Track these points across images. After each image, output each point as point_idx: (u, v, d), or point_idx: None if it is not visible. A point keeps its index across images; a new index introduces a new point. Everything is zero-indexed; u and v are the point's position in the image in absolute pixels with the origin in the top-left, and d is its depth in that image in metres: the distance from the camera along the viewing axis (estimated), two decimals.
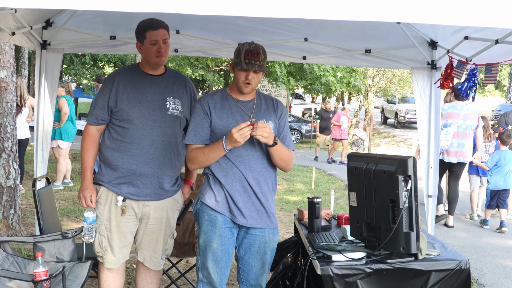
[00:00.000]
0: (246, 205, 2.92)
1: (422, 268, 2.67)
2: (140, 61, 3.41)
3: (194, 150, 2.93)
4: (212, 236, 2.93)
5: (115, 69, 3.50)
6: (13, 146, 5.78)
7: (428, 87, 4.68)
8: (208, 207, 2.94)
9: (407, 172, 2.57)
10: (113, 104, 3.17)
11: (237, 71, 2.89)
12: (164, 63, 3.28)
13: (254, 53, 2.83)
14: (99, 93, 3.28)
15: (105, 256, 3.25)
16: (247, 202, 2.92)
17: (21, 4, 1.79)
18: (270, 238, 3.00)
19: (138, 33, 3.23)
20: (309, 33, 4.70)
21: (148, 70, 3.27)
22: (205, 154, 2.87)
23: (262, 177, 2.95)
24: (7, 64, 5.71)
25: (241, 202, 2.92)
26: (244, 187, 2.92)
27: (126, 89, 3.19)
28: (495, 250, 6.39)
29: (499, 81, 32.90)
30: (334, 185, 10.28)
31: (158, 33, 3.15)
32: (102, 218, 3.23)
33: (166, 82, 3.27)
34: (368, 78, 24.07)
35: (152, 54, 3.16)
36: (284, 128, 3.07)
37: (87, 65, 21.76)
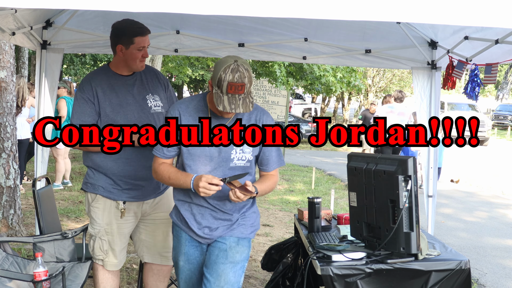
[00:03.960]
0: (207, 219, 2.71)
1: (422, 268, 2.67)
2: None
3: (161, 166, 2.69)
4: (178, 253, 2.82)
5: (86, 74, 3.36)
6: (13, 146, 5.78)
7: (428, 87, 4.68)
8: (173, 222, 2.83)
9: (407, 172, 2.57)
10: (98, 112, 3.10)
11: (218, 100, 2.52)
12: None
13: (238, 86, 2.44)
14: (79, 103, 3.13)
15: (106, 259, 3.23)
16: (207, 216, 2.71)
17: (21, 4, 1.79)
18: (231, 247, 2.69)
19: (124, 37, 3.10)
20: (309, 33, 4.69)
21: (122, 72, 3.19)
22: (171, 179, 2.64)
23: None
24: (7, 64, 5.71)
25: (201, 217, 2.72)
26: (206, 201, 2.70)
27: (106, 94, 3.11)
28: (495, 250, 6.39)
29: (498, 81, 32.89)
30: (334, 185, 10.28)
31: (146, 39, 3.10)
32: (102, 223, 3.21)
33: (140, 80, 3.21)
34: (368, 78, 24.09)
35: (137, 59, 3.11)
36: (267, 146, 2.73)
37: (87, 65, 21.74)
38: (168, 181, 2.66)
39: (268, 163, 2.75)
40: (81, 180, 9.19)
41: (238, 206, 2.73)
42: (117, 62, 3.19)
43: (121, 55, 3.13)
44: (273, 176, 2.76)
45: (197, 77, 25.66)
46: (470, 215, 8.39)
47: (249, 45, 4.84)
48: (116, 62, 3.20)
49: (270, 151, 2.72)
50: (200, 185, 2.47)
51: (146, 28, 3.13)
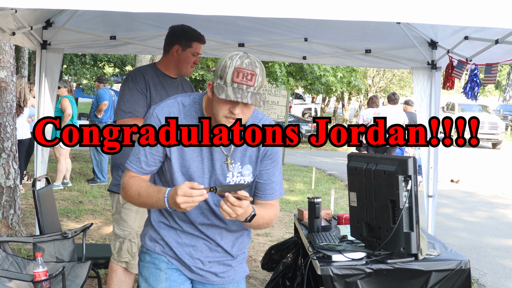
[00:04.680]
0: (201, 251, 2.20)
1: (422, 268, 2.66)
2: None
3: (132, 179, 2.10)
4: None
5: (136, 67, 3.36)
6: (13, 146, 5.78)
7: (428, 87, 4.68)
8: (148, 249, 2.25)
9: (407, 172, 2.57)
10: (148, 105, 3.06)
11: (218, 100, 1.95)
12: None
13: (247, 74, 1.88)
14: (132, 92, 3.05)
15: (132, 262, 3.24)
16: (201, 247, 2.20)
17: (21, 4, 1.79)
18: None
19: (183, 39, 3.14)
20: (309, 33, 4.70)
21: (170, 73, 3.22)
22: (141, 196, 2.05)
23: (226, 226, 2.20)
24: (7, 64, 5.71)
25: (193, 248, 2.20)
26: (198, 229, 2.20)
27: (158, 90, 3.11)
28: (495, 250, 6.39)
29: (499, 81, 32.90)
30: (334, 185, 10.28)
31: (201, 48, 3.19)
32: (134, 225, 3.22)
33: (181, 86, 3.28)
34: (368, 78, 24.09)
35: (188, 64, 3.16)
36: (269, 170, 2.17)
37: (87, 65, 21.73)
38: (138, 199, 2.06)
39: (267, 190, 2.18)
40: (81, 180, 9.19)
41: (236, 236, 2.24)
42: (167, 63, 3.21)
43: (175, 55, 3.17)
44: (273, 206, 2.20)
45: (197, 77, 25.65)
46: (470, 215, 8.39)
47: (249, 45, 4.84)
48: (166, 62, 3.22)
49: (271, 175, 2.17)
50: (177, 199, 1.87)
51: (204, 37, 3.22)
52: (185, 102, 2.07)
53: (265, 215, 2.11)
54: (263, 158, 2.16)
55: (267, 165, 2.17)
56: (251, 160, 2.13)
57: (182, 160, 2.08)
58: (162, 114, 2.04)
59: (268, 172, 2.17)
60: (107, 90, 9.31)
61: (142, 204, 2.09)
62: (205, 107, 2.07)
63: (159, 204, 2.00)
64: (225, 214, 1.90)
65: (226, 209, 1.89)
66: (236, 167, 2.11)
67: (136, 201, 2.09)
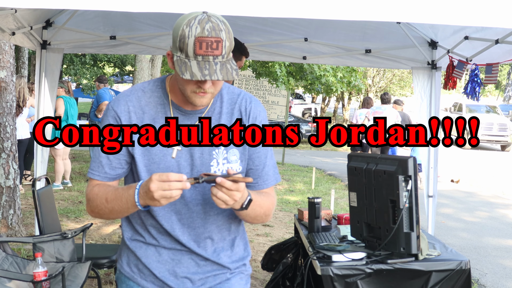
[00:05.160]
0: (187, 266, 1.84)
1: (422, 268, 2.66)
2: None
3: (96, 188, 1.78)
4: None
5: None
6: (13, 146, 5.78)
7: (429, 87, 4.68)
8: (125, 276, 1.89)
9: (407, 172, 2.57)
10: None
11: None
12: None
13: (211, 42, 1.57)
14: None
15: None
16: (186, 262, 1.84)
17: (21, 4, 1.79)
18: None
19: (238, 53, 3.32)
20: (309, 33, 4.69)
21: None
22: (109, 201, 1.72)
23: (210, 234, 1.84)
24: (7, 64, 5.71)
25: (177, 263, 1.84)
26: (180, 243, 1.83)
27: None
28: (495, 250, 6.39)
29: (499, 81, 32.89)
30: (334, 185, 10.28)
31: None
32: None
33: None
34: (368, 78, 24.09)
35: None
36: (260, 152, 1.84)
37: (87, 65, 21.74)
38: (106, 206, 1.73)
39: (260, 177, 1.86)
40: (81, 180, 9.18)
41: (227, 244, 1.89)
42: None
43: None
44: (268, 194, 1.87)
45: None
46: (471, 215, 8.38)
47: (249, 45, 4.84)
48: None
49: (263, 158, 1.85)
50: (152, 191, 1.55)
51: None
52: (145, 88, 1.78)
53: (262, 203, 1.80)
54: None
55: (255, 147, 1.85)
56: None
57: (150, 155, 1.75)
58: (119, 109, 1.76)
59: (260, 154, 1.84)
60: (107, 90, 9.31)
61: (112, 212, 1.73)
62: (169, 89, 1.77)
63: (129, 204, 1.66)
64: (219, 202, 1.60)
65: (221, 196, 1.58)
66: (220, 152, 1.78)
67: (104, 210, 1.74)
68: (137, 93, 1.77)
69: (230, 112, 1.82)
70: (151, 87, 1.79)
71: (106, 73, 25.71)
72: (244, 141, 1.84)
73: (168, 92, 1.77)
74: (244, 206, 1.68)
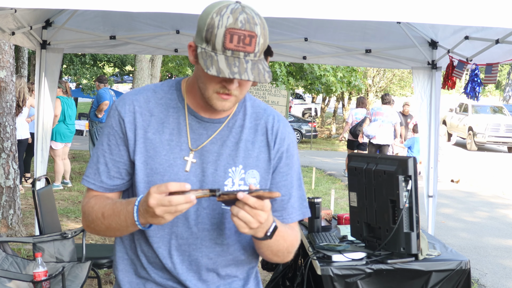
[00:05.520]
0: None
1: (422, 268, 2.66)
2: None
3: (93, 200, 1.52)
4: None
5: None
6: (13, 146, 5.78)
7: (429, 87, 4.68)
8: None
9: (408, 172, 2.56)
10: None
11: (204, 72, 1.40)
12: None
13: (243, 36, 1.34)
14: None
15: None
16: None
17: (21, 4, 1.79)
18: None
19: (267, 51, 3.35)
20: (309, 33, 4.69)
21: None
22: (105, 218, 1.46)
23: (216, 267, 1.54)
24: (7, 64, 5.71)
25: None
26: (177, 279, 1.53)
27: None
28: (495, 250, 6.39)
29: (499, 81, 32.89)
30: (334, 185, 10.28)
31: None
32: None
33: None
34: (368, 78, 24.09)
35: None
36: (286, 179, 1.57)
37: (87, 65, 21.75)
38: (102, 222, 1.47)
39: (285, 209, 1.57)
40: (81, 180, 9.18)
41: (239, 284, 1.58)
42: None
43: None
44: (293, 228, 1.58)
45: None
46: (471, 215, 8.38)
47: None
48: None
49: (289, 187, 1.57)
50: (151, 192, 1.30)
51: None
52: (157, 88, 1.55)
53: (286, 236, 1.50)
54: (279, 163, 1.56)
55: (283, 173, 1.56)
56: (258, 164, 1.53)
57: (153, 163, 1.47)
58: (123, 109, 1.50)
59: (286, 182, 1.56)
60: (107, 90, 9.32)
61: (108, 229, 1.47)
62: (185, 90, 1.53)
63: (128, 222, 1.39)
64: (241, 225, 1.32)
65: (243, 216, 1.30)
66: (238, 171, 1.50)
67: (100, 227, 1.48)
68: (146, 93, 1.53)
69: (254, 128, 1.55)
70: (164, 88, 1.55)
71: (106, 73, 25.72)
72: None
73: (184, 95, 1.53)
74: (268, 234, 1.39)
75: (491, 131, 18.32)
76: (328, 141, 22.84)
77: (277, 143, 1.54)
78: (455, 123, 20.14)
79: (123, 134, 1.48)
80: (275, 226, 1.40)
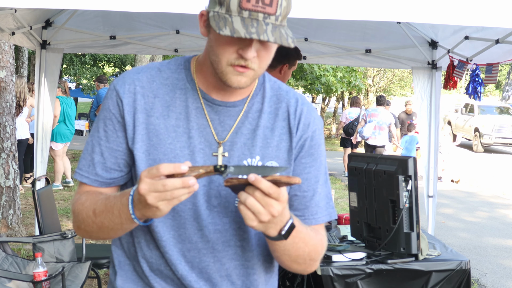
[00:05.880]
0: None
1: (422, 268, 2.66)
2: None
3: (83, 196, 1.31)
4: None
5: None
6: (13, 146, 5.78)
7: (429, 87, 4.68)
8: None
9: (408, 172, 2.56)
10: None
11: (219, 39, 1.21)
12: None
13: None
14: None
15: None
16: None
17: (21, 4, 1.78)
18: None
19: (292, 57, 3.28)
20: (309, 33, 4.69)
21: None
22: (97, 216, 1.24)
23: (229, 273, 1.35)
24: (7, 64, 5.71)
25: None
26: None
27: None
28: (495, 250, 6.39)
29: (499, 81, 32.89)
30: (334, 185, 10.29)
31: None
32: None
33: None
34: (368, 78, 24.09)
35: (287, 80, 3.27)
36: (310, 173, 1.34)
37: (87, 65, 21.77)
38: (94, 220, 1.25)
39: (308, 208, 1.34)
40: None
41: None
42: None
43: (281, 73, 3.27)
44: (317, 231, 1.35)
45: None
46: (471, 215, 8.38)
47: None
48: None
49: (313, 182, 1.35)
50: (141, 191, 1.09)
51: None
52: (162, 67, 1.34)
53: (308, 238, 1.27)
54: (300, 152, 1.34)
55: (306, 164, 1.34)
56: (278, 154, 1.31)
57: (157, 154, 1.27)
58: (122, 88, 1.30)
59: (309, 176, 1.34)
60: (107, 90, 9.33)
61: (101, 229, 1.26)
62: (195, 70, 1.32)
63: (123, 217, 1.17)
64: (248, 215, 1.11)
65: (252, 205, 1.09)
66: (254, 163, 1.30)
67: (92, 227, 1.27)
68: (150, 71, 1.32)
69: (274, 112, 1.34)
70: (171, 66, 1.33)
71: (106, 73, 25.73)
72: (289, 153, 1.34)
73: (193, 74, 1.31)
74: (283, 233, 1.17)
75: (498, 132, 17.57)
76: (328, 141, 22.84)
77: (300, 129, 1.33)
78: (461, 124, 19.39)
79: (122, 117, 1.28)
80: (292, 223, 1.18)
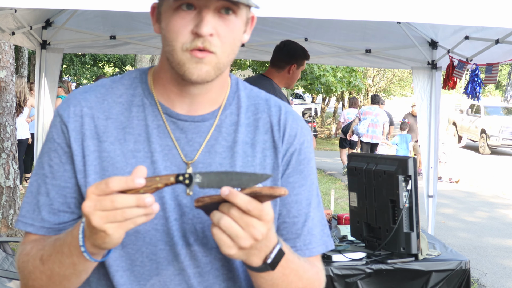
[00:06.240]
0: None
1: (422, 268, 2.66)
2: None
3: (28, 246, 1.05)
4: None
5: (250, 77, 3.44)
6: (13, 146, 5.78)
7: (429, 87, 4.68)
8: None
9: (407, 172, 2.57)
10: None
11: (168, 20, 0.99)
12: None
13: None
14: None
15: None
16: None
17: (21, 4, 1.79)
18: None
19: (300, 58, 3.30)
20: (309, 33, 4.69)
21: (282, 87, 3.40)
22: (44, 263, 0.99)
23: None
24: (7, 64, 5.71)
25: None
26: None
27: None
28: (495, 250, 6.39)
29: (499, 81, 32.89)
30: (334, 185, 10.28)
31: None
32: None
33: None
34: (368, 78, 24.09)
35: (296, 80, 3.31)
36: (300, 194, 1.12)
37: (87, 65, 21.77)
38: (42, 269, 1.00)
39: (300, 236, 1.12)
40: None
41: None
42: (281, 79, 3.37)
43: (290, 73, 3.30)
44: (313, 263, 1.13)
45: None
46: (471, 215, 8.38)
47: (249, 45, 4.84)
48: (280, 78, 3.38)
49: (304, 205, 1.13)
50: (84, 210, 0.86)
51: None
52: (114, 82, 1.11)
53: (299, 269, 1.03)
54: (287, 169, 1.12)
55: (295, 184, 1.12)
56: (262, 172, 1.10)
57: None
58: (66, 112, 1.07)
59: (298, 197, 1.11)
60: None
61: (51, 280, 0.99)
62: (153, 82, 1.10)
63: (75, 254, 0.93)
64: (224, 240, 0.88)
65: (227, 226, 0.87)
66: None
67: (40, 280, 1.01)
68: (99, 89, 1.09)
69: (253, 124, 1.12)
70: (124, 82, 1.11)
71: (106, 73, 25.73)
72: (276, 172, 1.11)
73: (151, 87, 1.10)
74: (269, 262, 0.94)
75: (505, 133, 16.73)
76: (328, 141, 22.84)
77: (286, 141, 1.11)
78: (466, 125, 18.65)
79: (68, 146, 1.05)
80: (280, 249, 0.95)
